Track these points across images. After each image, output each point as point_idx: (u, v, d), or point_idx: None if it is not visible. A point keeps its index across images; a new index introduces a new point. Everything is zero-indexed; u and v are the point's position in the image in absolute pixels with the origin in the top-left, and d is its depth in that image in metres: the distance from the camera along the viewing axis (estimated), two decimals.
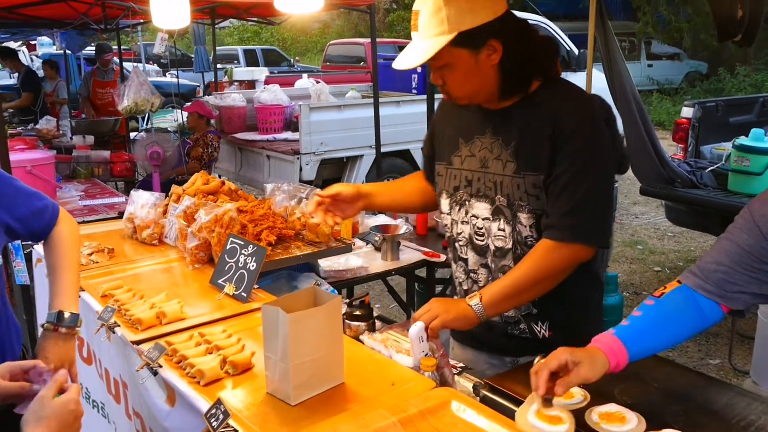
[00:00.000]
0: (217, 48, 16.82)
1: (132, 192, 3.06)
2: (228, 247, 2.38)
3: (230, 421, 1.51)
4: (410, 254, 3.35)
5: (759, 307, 3.42)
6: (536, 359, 1.52)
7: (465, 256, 2.03)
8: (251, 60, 19.43)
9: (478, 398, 1.68)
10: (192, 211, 2.69)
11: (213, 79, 10.10)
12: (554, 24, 10.40)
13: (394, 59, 2.11)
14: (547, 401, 1.41)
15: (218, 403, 1.53)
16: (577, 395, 1.56)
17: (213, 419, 1.50)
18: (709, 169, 5.07)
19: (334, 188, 2.13)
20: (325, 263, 2.98)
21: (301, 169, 6.43)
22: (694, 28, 16.49)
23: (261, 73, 13.72)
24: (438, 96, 2.29)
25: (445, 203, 2.04)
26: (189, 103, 7.24)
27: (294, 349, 1.59)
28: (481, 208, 1.93)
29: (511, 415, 1.53)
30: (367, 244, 3.40)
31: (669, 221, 5.80)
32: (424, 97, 7.82)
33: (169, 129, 9.83)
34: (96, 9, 5.88)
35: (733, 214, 4.36)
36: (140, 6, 4.68)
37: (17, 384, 1.40)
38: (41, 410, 1.22)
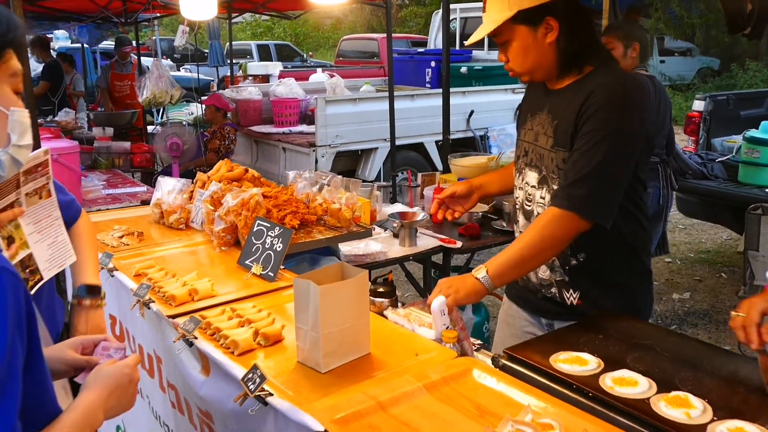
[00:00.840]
0: (235, 42, 16.94)
1: (159, 178, 3.17)
2: (255, 229, 2.49)
3: (265, 386, 1.62)
4: (427, 241, 3.44)
5: None
6: (732, 313, 1.56)
7: (518, 219, 2.26)
8: (264, 55, 19.53)
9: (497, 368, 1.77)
10: (218, 197, 2.80)
11: (227, 74, 10.22)
12: None
13: (407, 54, 2.39)
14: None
15: (254, 368, 1.63)
16: (592, 362, 1.65)
17: (250, 383, 1.60)
18: (720, 160, 5.13)
19: (449, 189, 2.40)
20: (345, 248, 3.08)
21: (316, 161, 6.53)
22: (706, 24, 16.43)
23: (275, 67, 13.82)
24: (453, 90, 2.58)
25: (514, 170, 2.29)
26: (205, 97, 7.34)
27: (324, 319, 1.70)
28: (531, 177, 2.14)
29: (529, 381, 1.63)
30: (385, 230, 3.50)
31: (680, 213, 5.85)
32: (439, 91, 7.91)
33: (184, 122, 9.96)
34: (116, 2, 6.00)
35: (744, 205, 4.52)
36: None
37: (85, 357, 1.50)
38: (98, 373, 1.32)
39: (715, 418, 1.42)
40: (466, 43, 2.21)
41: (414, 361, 1.78)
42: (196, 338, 1.91)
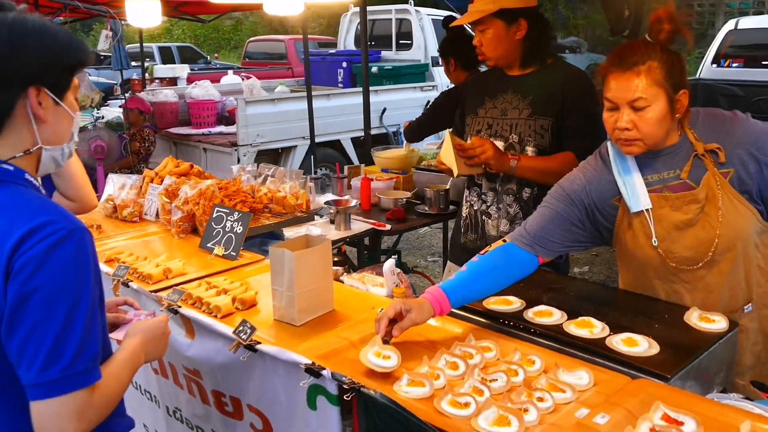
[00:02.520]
0: (131, 45, 16.63)
1: (109, 175, 3.38)
2: (215, 215, 2.77)
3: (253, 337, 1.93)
4: (359, 225, 3.80)
5: None
6: (379, 310, 1.93)
7: (479, 182, 2.77)
8: (166, 58, 19.27)
9: None
10: (173, 189, 3.05)
11: (131, 77, 10.21)
12: None
13: (319, 55, 2.86)
14: (385, 342, 1.80)
15: (244, 322, 1.95)
16: (516, 302, 2.07)
17: (242, 334, 1.91)
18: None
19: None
20: (289, 233, 3.38)
21: (238, 160, 6.75)
22: (591, 24, 17.71)
23: (182, 70, 13.78)
24: (373, 88, 3.18)
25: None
26: (121, 100, 7.39)
27: (298, 280, 2.03)
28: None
29: (468, 321, 2.03)
30: (322, 217, 3.83)
31: None
32: (353, 90, 8.32)
33: (88, 126, 9.84)
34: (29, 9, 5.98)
35: None
36: (85, 5, 4.90)
37: (113, 315, 1.77)
38: (137, 326, 1.60)
39: (611, 333, 1.85)
40: (451, 24, 2.91)
41: (372, 313, 2.13)
42: (180, 307, 2.19)
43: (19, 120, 1.34)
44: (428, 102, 8.55)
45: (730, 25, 7.34)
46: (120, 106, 6.92)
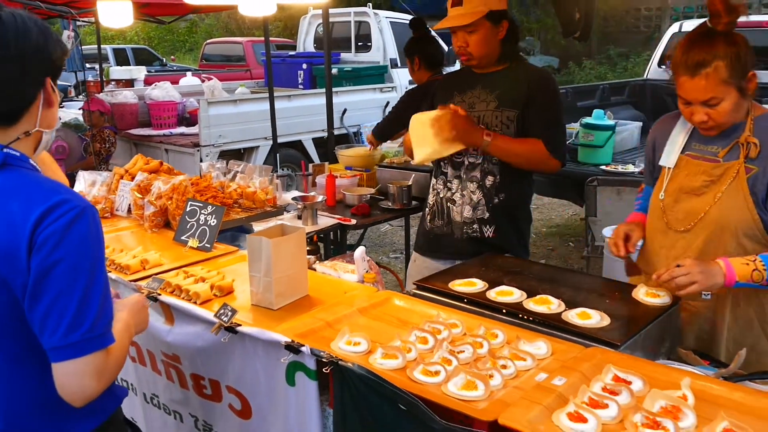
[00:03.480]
0: (85, 47, 16.37)
1: (79, 173, 3.43)
2: (188, 209, 2.85)
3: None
4: (325, 220, 3.91)
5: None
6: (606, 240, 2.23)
7: (445, 171, 2.91)
8: (121, 59, 19.02)
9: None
10: (145, 185, 3.12)
11: (85, 79, 10.13)
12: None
13: (279, 57, 2.94)
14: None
15: (225, 305, 2.05)
16: (479, 284, 2.22)
17: (223, 316, 2.02)
18: None
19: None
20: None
21: (201, 160, 6.78)
22: (544, 28, 18.17)
23: (139, 72, 13.65)
24: (333, 89, 3.28)
25: None
26: (78, 102, 7.35)
27: (275, 266, 2.14)
28: None
29: (435, 302, 2.17)
30: (289, 212, 3.93)
31: (534, 193, 6.70)
32: (313, 91, 8.42)
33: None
34: None
35: (583, 181, 5.41)
36: (47, 5, 4.90)
37: None
38: (120, 303, 1.71)
39: (566, 309, 2.02)
40: (440, 27, 2.78)
41: (344, 297, 2.26)
42: (159, 294, 2.28)
43: (35, 107, 1.47)
44: (387, 103, 8.71)
45: (674, 28, 7.66)
46: (80, 108, 6.87)
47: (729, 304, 2.13)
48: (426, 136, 2.74)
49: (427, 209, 3.07)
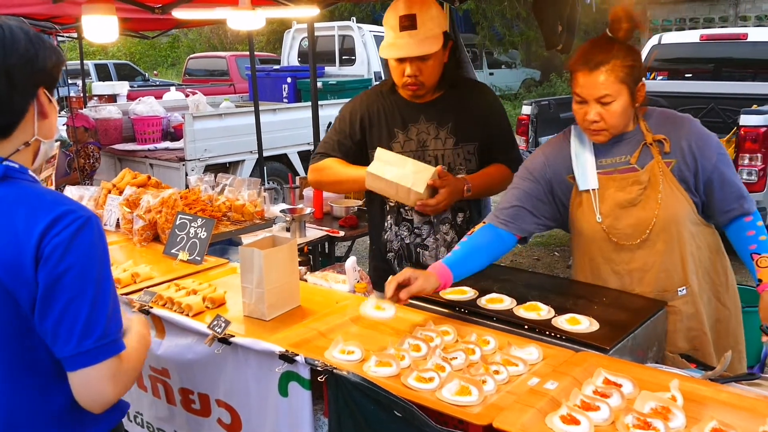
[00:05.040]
0: (67, 62, 16.30)
1: (66, 188, 3.42)
2: (178, 222, 2.86)
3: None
4: (314, 232, 3.94)
5: None
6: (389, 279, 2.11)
7: (410, 218, 2.64)
8: (103, 75, 18.96)
9: None
10: (134, 199, 3.13)
11: (68, 94, 10.09)
12: None
13: (263, 71, 2.76)
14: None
15: (218, 317, 2.06)
16: (470, 292, 2.25)
17: (217, 327, 2.03)
18: None
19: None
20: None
21: (186, 175, 6.78)
22: (526, 40, 18.39)
23: (122, 87, 13.61)
24: (323, 102, 3.03)
25: None
26: (63, 117, 7.33)
27: (267, 277, 2.15)
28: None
29: (426, 310, 2.19)
30: (277, 225, 3.95)
31: None
32: (298, 104, 8.46)
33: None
34: None
35: None
36: (31, 20, 4.88)
37: None
38: (127, 319, 1.71)
39: (556, 315, 2.05)
40: (394, 56, 2.40)
41: (336, 307, 2.28)
42: (152, 307, 2.28)
43: (28, 118, 1.46)
44: None
45: (653, 40, 7.80)
46: (65, 124, 6.85)
47: (700, 295, 2.21)
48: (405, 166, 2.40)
49: (382, 250, 2.76)
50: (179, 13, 4.42)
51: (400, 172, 2.35)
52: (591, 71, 2.05)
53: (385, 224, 2.73)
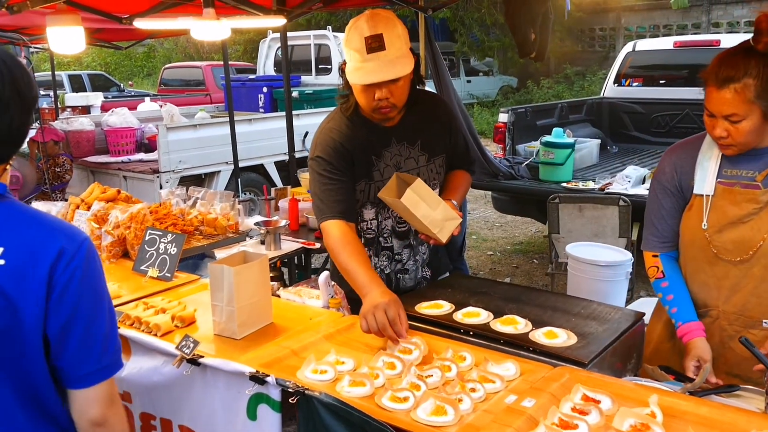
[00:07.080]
0: (39, 74, 16.08)
1: (33, 203, 3.33)
2: (147, 238, 2.79)
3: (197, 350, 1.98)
4: (289, 244, 3.87)
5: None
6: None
7: (389, 244, 2.50)
8: (77, 86, 18.72)
9: None
10: (102, 214, 3.05)
11: (38, 106, 9.93)
12: None
13: (239, 80, 2.62)
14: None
15: (187, 337, 1.99)
16: (446, 305, 2.20)
17: (185, 348, 1.96)
18: (525, 163, 6.06)
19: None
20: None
21: (161, 187, 6.68)
22: (503, 47, 18.48)
23: (96, 98, 13.41)
24: (294, 112, 2.90)
25: (370, 212, 2.44)
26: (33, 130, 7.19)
27: (238, 294, 2.09)
28: None
29: None
30: (252, 238, 3.88)
31: (496, 211, 6.75)
32: (274, 114, 8.38)
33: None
34: None
35: (546, 198, 5.38)
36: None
37: None
38: None
39: (533, 328, 2.01)
40: (367, 82, 2.18)
41: (309, 324, 2.22)
42: (119, 328, 2.20)
43: None
44: None
45: (628, 47, 7.84)
46: (31, 138, 6.72)
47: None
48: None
49: None
50: (141, 23, 4.34)
51: (430, 215, 2.22)
52: (719, 88, 1.89)
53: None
